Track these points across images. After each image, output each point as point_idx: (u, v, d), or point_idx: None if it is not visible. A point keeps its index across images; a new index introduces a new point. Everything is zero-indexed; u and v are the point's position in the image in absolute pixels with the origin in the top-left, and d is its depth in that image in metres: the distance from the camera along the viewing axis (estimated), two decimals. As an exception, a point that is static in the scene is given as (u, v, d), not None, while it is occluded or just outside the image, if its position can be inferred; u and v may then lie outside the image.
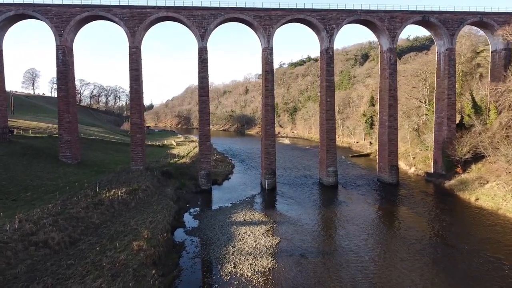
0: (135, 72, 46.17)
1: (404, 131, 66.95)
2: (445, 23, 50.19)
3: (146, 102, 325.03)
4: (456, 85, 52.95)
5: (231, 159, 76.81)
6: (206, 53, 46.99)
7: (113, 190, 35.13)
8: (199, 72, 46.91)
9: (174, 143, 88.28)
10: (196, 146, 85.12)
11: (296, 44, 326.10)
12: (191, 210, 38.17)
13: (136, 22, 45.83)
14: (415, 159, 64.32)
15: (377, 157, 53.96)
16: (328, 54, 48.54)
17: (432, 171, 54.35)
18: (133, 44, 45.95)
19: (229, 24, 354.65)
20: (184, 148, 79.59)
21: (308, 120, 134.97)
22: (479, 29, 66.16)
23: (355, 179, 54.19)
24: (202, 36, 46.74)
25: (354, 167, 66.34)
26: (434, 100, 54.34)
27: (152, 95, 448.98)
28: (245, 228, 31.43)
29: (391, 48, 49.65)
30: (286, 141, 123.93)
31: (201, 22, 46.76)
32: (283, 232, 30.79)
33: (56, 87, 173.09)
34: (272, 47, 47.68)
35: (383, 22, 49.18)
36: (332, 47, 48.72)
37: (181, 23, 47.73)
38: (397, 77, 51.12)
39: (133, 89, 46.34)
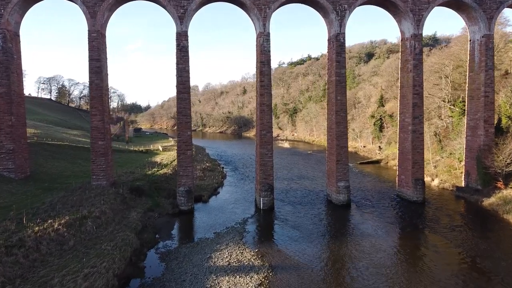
0: (96, 62, 36.61)
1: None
2: (481, 4, 40.80)
3: (143, 103, 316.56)
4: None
5: (223, 167, 67.26)
6: (186, 40, 37.47)
7: (50, 221, 25.51)
8: (177, 63, 37.36)
9: (161, 148, 78.73)
10: (184, 152, 75.53)
11: (295, 43, 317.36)
12: (160, 244, 28.50)
13: (97, 0, 36.32)
14: (437, 168, 54.90)
15: (397, 168, 44.40)
16: (338, 41, 39.07)
17: (463, 184, 44.85)
18: (94, 27, 36.41)
19: (226, 20, 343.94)
20: (170, 154, 69.94)
21: (309, 122, 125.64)
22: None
23: (369, 194, 44.61)
24: (181, 18, 37.25)
25: (365, 177, 56.81)
26: (466, 98, 44.87)
27: (149, 96, 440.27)
28: (228, 280, 21.83)
29: (416, 35, 40.22)
30: (286, 144, 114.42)
31: (180, 1, 37.27)
32: (283, 287, 21.21)
33: (42, 87, 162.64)
34: (268, 32, 38.22)
35: (406, 2, 39.75)
36: (344, 33, 39.26)
37: (155, 1, 38.28)
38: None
39: (93, 84, 36.74)
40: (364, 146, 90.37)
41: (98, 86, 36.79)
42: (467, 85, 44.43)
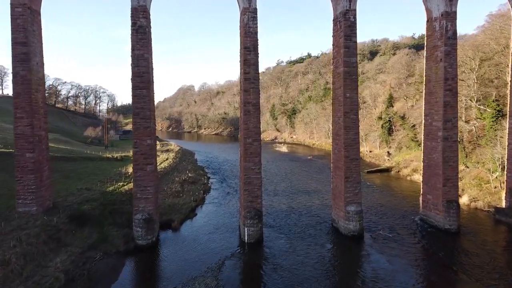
0: (22, 47, 27.12)
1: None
2: (532, -26, 31.50)
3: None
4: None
5: (209, 177, 57.87)
6: (146, 17, 28.01)
7: None
8: (132, 49, 27.90)
9: (140, 154, 69.18)
10: (166, 159, 66.33)
11: (295, 43, 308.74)
12: (85, 313, 19.04)
13: (22, -37, 26.92)
14: (462, 180, 45.43)
15: (421, 185, 34.90)
16: (347, 20, 29.65)
17: (503, 205, 35.47)
18: (18, 0, 27.02)
19: (225, 17, 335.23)
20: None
21: (309, 124, 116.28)
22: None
23: (385, 218, 35.14)
24: (138, -11, 27.83)
25: (375, 191, 47.32)
26: (508, 96, 35.45)
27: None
28: None
29: (448, 13, 30.82)
30: (284, 148, 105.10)
31: (136, -35, 27.87)
32: None
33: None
34: (255, 8, 28.81)
35: (436, -30, 30.42)
36: (354, 10, 29.85)
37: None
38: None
39: (18, 77, 27.26)
40: (370, 151, 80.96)
41: (24, 79, 27.32)
42: (509, 78, 35.06)
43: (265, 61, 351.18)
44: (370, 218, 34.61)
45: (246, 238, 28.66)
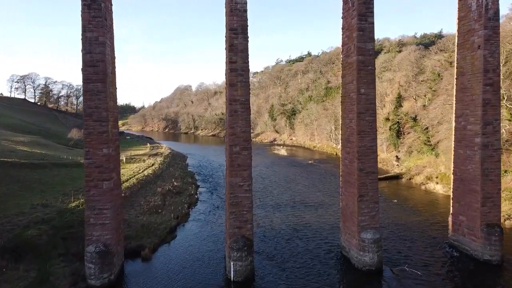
0: None
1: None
2: None
3: (138, 104, 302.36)
4: None
5: (198, 186, 51.45)
6: (101, -10, 21.53)
7: None
8: (83, 30, 21.39)
9: (124, 159, 62.60)
10: (152, 165, 59.80)
11: (294, 42, 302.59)
12: None
13: None
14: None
15: (451, 203, 28.34)
16: (362, -5, 23.20)
17: (550, 226, 29.07)
18: None
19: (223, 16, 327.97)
20: (131, 168, 53.96)
21: (310, 125, 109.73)
22: None
23: (405, 244, 28.54)
24: (91, -49, 21.30)
25: (387, 204, 40.74)
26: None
27: (144, 97, 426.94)
28: None
29: (489, -12, 24.42)
30: (283, 151, 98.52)
31: None
32: None
33: (16, 86, 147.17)
34: (244, -21, 22.36)
35: None
36: (371, -18, 23.41)
37: None
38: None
39: None
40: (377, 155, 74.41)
41: None
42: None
43: (264, 61, 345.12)
44: (386, 242, 28.05)
45: (232, 275, 22.15)
